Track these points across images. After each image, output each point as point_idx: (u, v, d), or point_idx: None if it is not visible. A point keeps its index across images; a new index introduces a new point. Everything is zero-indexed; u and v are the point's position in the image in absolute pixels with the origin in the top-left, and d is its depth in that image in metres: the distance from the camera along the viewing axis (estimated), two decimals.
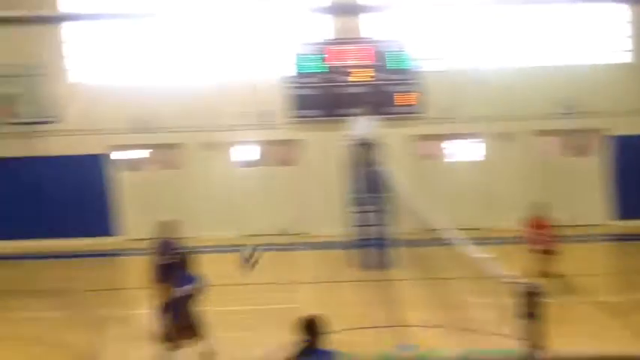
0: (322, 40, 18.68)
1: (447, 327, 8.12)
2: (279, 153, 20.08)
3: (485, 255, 6.07)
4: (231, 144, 19.22)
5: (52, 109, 17.86)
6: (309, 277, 14.79)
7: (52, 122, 17.97)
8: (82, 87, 18.77)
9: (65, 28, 18.57)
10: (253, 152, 20.09)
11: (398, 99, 18.64)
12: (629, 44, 18.82)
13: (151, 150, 19.85)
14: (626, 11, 18.60)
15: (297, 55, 18.60)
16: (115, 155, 19.29)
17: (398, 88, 18.65)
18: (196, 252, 9.30)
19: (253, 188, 19.30)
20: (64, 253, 17.47)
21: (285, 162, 19.96)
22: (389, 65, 18.55)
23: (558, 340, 9.54)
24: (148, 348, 10.39)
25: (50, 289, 13.98)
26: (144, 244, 11.98)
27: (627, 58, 18.91)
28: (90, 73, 19.07)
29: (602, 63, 18.94)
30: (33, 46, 17.64)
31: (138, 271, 11.86)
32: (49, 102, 17.80)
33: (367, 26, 18.81)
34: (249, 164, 19.99)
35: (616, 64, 18.90)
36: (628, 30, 18.78)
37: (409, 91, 18.65)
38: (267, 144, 19.58)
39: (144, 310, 11.21)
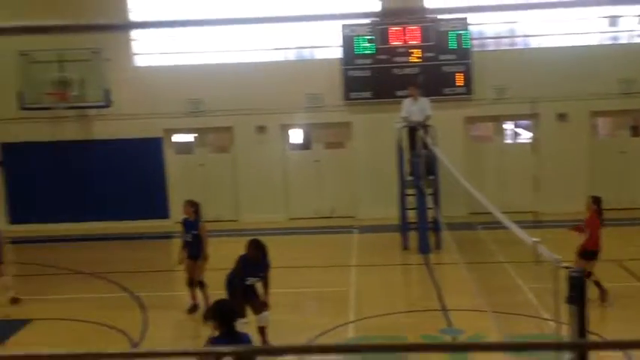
0: (373, 21, 18.46)
1: (493, 311, 8.04)
2: (329, 136, 20.07)
3: (532, 239, 6.00)
4: (281, 127, 19.27)
5: (111, 92, 18.08)
6: (357, 260, 14.81)
7: (108, 106, 18.22)
8: (142, 70, 19.04)
9: (132, 13, 18.65)
10: (303, 135, 20.12)
11: (450, 80, 18.32)
12: None
13: (199, 134, 19.98)
14: None
15: (348, 35, 18.47)
16: (168, 138, 19.61)
17: (450, 68, 18.31)
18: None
19: (302, 171, 19.35)
20: (120, 235, 17.87)
21: (334, 145, 19.95)
22: (441, 45, 18.22)
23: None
24: (188, 328, 10.67)
25: (95, 271, 14.31)
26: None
27: None
28: (150, 56, 19.20)
29: None
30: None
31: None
32: (108, 86, 18.01)
33: (420, 4, 18.55)
34: (298, 147, 20.05)
35: None
36: None
37: (462, 72, 18.31)
38: (317, 127, 19.57)
39: (184, 292, 11.51)
